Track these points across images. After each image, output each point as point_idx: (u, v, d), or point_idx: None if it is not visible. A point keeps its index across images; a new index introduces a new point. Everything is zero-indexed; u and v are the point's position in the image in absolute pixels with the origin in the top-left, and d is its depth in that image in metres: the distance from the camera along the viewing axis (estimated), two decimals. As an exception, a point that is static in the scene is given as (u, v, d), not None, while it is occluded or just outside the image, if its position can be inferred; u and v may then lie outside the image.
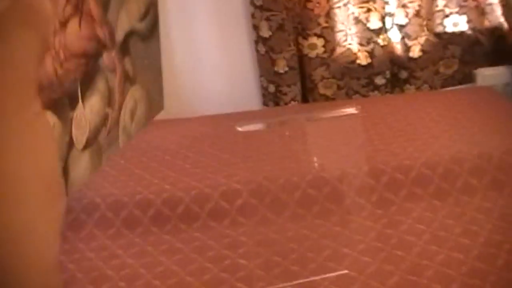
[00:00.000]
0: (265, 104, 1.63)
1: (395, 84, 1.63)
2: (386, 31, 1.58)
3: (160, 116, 1.36)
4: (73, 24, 0.36)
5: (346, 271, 0.81)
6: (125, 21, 0.39)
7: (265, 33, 1.54)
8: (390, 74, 1.60)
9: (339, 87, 1.60)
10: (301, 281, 0.80)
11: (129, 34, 0.39)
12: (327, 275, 0.80)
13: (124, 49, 0.39)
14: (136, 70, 0.41)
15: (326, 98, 1.60)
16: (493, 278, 0.77)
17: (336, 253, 0.86)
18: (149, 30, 0.42)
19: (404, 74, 1.61)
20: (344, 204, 0.98)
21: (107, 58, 0.37)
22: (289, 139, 0.99)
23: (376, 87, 1.60)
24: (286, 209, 0.99)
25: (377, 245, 0.88)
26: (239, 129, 0.66)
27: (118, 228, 1.01)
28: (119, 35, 0.39)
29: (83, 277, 0.89)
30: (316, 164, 1.03)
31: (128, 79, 0.40)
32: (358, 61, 1.58)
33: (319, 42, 1.56)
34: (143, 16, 0.40)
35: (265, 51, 1.56)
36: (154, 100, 0.43)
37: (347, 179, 1.00)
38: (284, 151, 1.07)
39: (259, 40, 1.56)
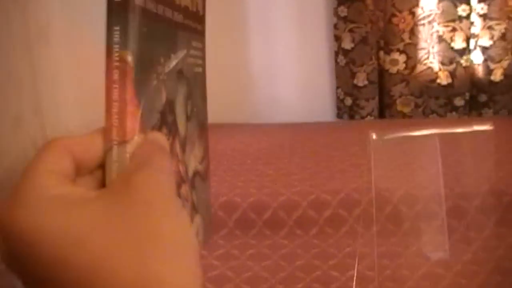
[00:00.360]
0: (339, 116, 1.60)
1: (474, 106, 1.59)
2: (469, 52, 1.54)
3: (239, 120, 1.35)
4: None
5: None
6: (193, 162, 0.45)
7: (347, 45, 1.52)
8: (470, 96, 1.57)
9: (416, 105, 1.57)
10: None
11: (195, 173, 0.45)
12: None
13: (192, 184, 0.45)
14: (198, 202, 0.46)
15: (403, 115, 1.57)
16: None
17: (430, 273, 0.83)
18: (205, 171, 0.48)
19: (483, 97, 1.57)
20: (434, 224, 0.95)
21: (184, 190, 0.42)
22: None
23: (455, 108, 1.56)
24: (376, 224, 0.96)
25: (437, 271, 0.85)
26: (374, 137, 0.63)
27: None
28: (190, 173, 0.45)
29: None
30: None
31: (194, 208, 0.45)
32: (438, 81, 1.55)
33: (401, 58, 1.54)
34: (201, 160, 0.47)
35: (346, 63, 1.54)
36: (208, 229, 0.49)
37: (440, 199, 0.97)
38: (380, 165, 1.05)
39: (339, 51, 1.54)
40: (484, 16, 1.51)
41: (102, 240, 0.29)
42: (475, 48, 1.55)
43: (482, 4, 1.50)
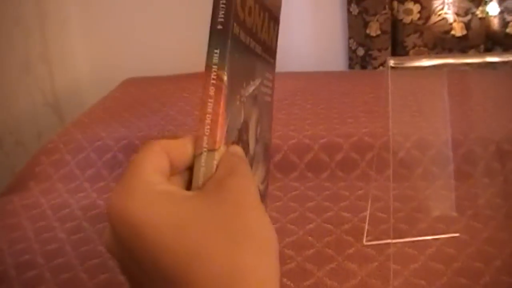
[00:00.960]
0: (350, 67, 1.58)
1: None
2: (485, 3, 1.51)
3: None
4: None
5: (458, 234, 0.77)
6: (256, 181, 0.48)
7: (360, -7, 1.49)
8: (484, 48, 1.53)
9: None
10: (411, 239, 0.75)
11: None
12: (439, 236, 0.76)
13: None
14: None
15: (416, 67, 1.54)
16: None
17: (445, 216, 0.82)
18: (264, 192, 0.55)
19: (498, 50, 1.54)
20: (449, 169, 0.94)
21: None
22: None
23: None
24: (388, 168, 0.95)
25: (487, 212, 0.83)
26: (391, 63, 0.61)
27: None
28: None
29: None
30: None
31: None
32: (452, 32, 1.52)
33: (415, 8, 1.51)
34: (263, 180, 0.53)
35: (358, 12, 1.51)
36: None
37: (454, 144, 0.95)
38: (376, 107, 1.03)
39: (352, 0, 1.51)
40: (501, -35, 1.48)
41: (201, 230, 0.34)
42: (492, -1, 1.52)
43: (500, -48, 1.46)
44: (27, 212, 0.91)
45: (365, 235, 0.76)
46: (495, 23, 1.53)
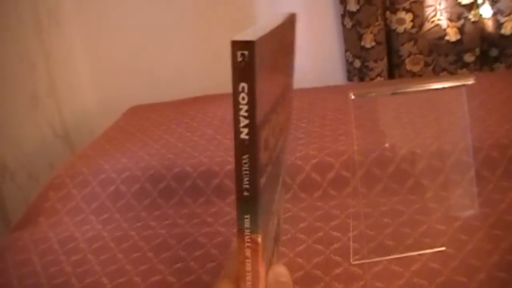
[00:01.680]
0: (349, 79, 1.61)
1: (485, 61, 1.58)
2: (477, 6, 1.52)
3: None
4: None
5: (443, 248, 0.79)
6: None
7: (353, 7, 1.52)
8: (480, 51, 1.55)
9: (426, 64, 1.56)
10: (397, 256, 0.78)
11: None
12: (424, 251, 0.79)
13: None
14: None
15: (413, 74, 1.57)
16: None
17: (431, 230, 0.84)
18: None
19: (494, 52, 1.56)
20: (438, 180, 0.96)
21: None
22: (383, 112, 0.97)
23: (465, 65, 1.55)
24: (378, 183, 0.98)
25: (474, 223, 0.85)
26: (352, 96, 0.64)
27: (209, 197, 1.02)
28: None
29: (176, 244, 0.90)
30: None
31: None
32: (447, 37, 1.54)
33: (408, 17, 1.53)
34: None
35: (352, 25, 1.53)
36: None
37: (443, 154, 0.98)
38: (377, 125, 1.06)
39: (346, 14, 1.54)
40: (490, -32, 1.49)
41: None
42: (483, 2, 1.53)
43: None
44: (36, 247, 0.95)
45: (351, 254, 0.79)
46: (489, 25, 1.54)
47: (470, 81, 0.61)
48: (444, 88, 0.63)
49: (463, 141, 1.02)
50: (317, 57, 1.66)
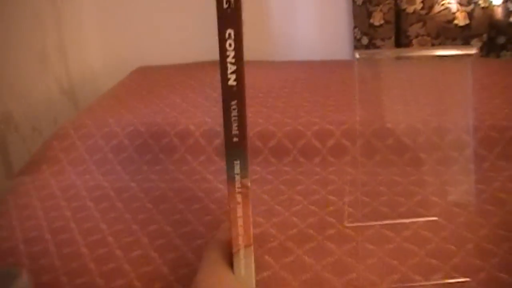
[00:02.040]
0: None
1: (492, 48, 1.58)
2: (488, -8, 1.53)
3: (254, 57, 1.38)
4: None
5: (435, 218, 0.81)
6: None
7: (365, -17, 1.52)
8: (487, 38, 1.56)
9: (433, 46, 1.57)
10: (391, 222, 0.80)
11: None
12: (417, 219, 0.80)
13: None
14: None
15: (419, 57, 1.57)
16: None
17: (426, 200, 0.86)
18: None
19: (502, 39, 1.56)
20: (435, 156, 0.98)
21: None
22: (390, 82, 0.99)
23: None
24: (377, 154, 0.99)
25: (467, 198, 0.87)
26: (357, 56, 0.66)
27: (210, 155, 1.04)
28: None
29: (174, 197, 0.92)
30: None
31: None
32: (455, 21, 1.54)
33: (418, -3, 1.54)
34: None
35: (362, 2, 1.54)
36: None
37: (442, 132, 0.99)
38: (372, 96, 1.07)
39: (357, -10, 1.55)
40: (504, -46, 1.50)
41: None
42: (495, -12, 1.54)
43: None
44: (38, 192, 0.97)
45: (345, 217, 0.81)
46: (499, 13, 1.55)
47: (474, 51, 0.63)
48: (448, 57, 0.65)
49: (464, 120, 1.04)
50: (325, 31, 1.67)
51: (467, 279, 0.67)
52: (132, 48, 1.80)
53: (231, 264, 0.51)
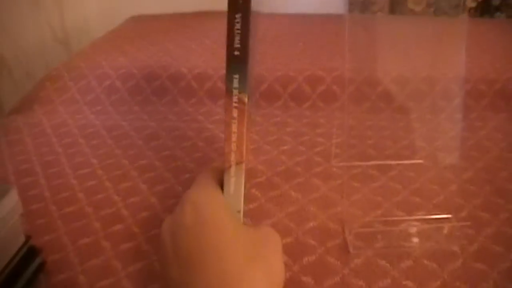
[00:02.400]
0: (350, 10, 1.61)
1: (486, 10, 1.59)
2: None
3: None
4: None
5: (421, 161, 0.82)
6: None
7: None
8: (483, -1, 1.56)
9: (428, 4, 1.57)
10: (377, 162, 0.81)
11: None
12: (403, 161, 0.82)
13: None
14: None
15: (414, 13, 1.58)
16: None
17: (412, 145, 0.87)
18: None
19: (496, 1, 1.57)
20: (424, 104, 0.99)
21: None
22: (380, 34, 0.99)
23: (466, 9, 1.56)
24: (367, 101, 1.00)
25: (453, 144, 0.88)
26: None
27: (201, 98, 1.05)
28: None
29: (165, 135, 0.93)
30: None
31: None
32: (453, -19, 1.54)
33: (416, -46, 1.53)
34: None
35: (359, -44, 1.54)
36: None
37: (432, 81, 1.00)
38: (371, 47, 1.07)
39: None
40: None
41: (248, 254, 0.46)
42: None
43: None
44: (30, 130, 0.98)
45: (332, 157, 0.83)
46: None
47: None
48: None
49: (454, 71, 1.05)
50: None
51: (449, 215, 0.69)
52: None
53: (221, 186, 0.52)
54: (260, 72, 1.06)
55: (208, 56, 1.15)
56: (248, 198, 0.72)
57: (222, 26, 0.48)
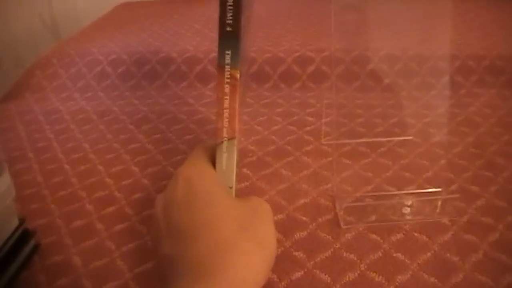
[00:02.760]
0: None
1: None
2: None
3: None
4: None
5: (411, 137, 0.83)
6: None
7: None
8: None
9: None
10: (367, 139, 0.82)
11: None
12: (392, 138, 0.82)
13: None
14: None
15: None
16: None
17: (402, 122, 0.88)
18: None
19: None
20: (413, 82, 0.99)
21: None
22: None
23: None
24: (356, 80, 1.01)
25: (442, 120, 0.89)
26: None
27: (192, 81, 1.05)
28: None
29: (156, 118, 0.93)
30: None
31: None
32: (440, -41, 1.54)
33: None
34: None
35: None
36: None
37: (421, 59, 1.01)
38: (359, 26, 1.08)
39: None
40: None
41: (239, 224, 0.47)
42: None
43: None
44: (22, 117, 0.98)
45: (322, 135, 0.83)
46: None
47: None
48: None
49: (442, 49, 1.05)
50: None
51: (439, 189, 0.69)
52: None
53: (214, 163, 0.53)
54: (249, 54, 1.06)
55: (198, 40, 1.15)
56: (239, 177, 0.72)
57: (210, 11, 0.48)
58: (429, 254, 0.59)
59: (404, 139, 0.83)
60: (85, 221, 0.67)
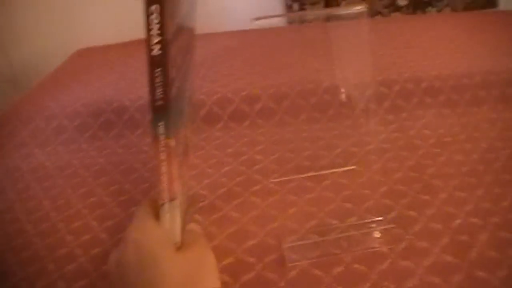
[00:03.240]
0: (289, 23, 1.67)
1: (417, 6, 1.65)
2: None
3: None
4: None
5: (354, 167, 0.87)
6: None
7: None
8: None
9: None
10: (311, 174, 0.86)
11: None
12: (336, 169, 0.87)
13: None
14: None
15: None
16: (489, 178, 0.82)
17: (346, 152, 0.93)
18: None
19: (427, -4, 1.63)
20: (357, 110, 1.04)
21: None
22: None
23: (398, 8, 1.63)
24: (302, 113, 1.06)
25: (384, 146, 0.94)
26: (256, 22, 0.70)
27: (146, 128, 1.09)
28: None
29: (113, 169, 0.97)
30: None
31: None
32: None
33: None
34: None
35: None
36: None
37: (362, 87, 1.06)
38: (300, 59, 1.13)
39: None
40: None
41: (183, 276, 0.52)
42: None
43: None
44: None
45: (270, 173, 0.87)
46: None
47: (362, 9, 0.68)
48: (341, 15, 0.71)
49: (380, 75, 1.11)
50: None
51: (380, 218, 0.74)
52: (71, 32, 1.82)
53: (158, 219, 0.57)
54: (199, 97, 1.10)
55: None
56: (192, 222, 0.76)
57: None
58: (368, 284, 0.63)
59: (347, 170, 0.87)
60: (47, 281, 0.70)
